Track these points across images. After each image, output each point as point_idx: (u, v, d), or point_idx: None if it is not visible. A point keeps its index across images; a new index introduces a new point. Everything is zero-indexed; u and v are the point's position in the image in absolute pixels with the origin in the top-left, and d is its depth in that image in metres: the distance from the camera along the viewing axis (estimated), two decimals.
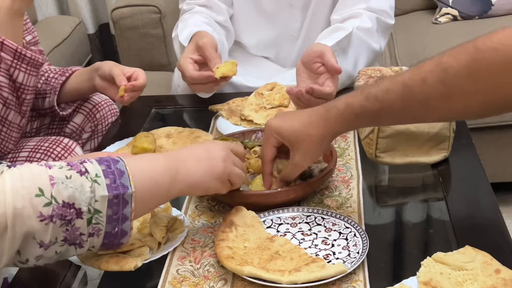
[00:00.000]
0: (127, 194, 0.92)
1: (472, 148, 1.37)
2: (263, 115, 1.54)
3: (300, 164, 1.15)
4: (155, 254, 1.08)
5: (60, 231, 0.88)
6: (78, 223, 0.89)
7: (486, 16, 2.59)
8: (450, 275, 0.97)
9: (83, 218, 0.89)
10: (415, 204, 1.29)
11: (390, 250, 1.13)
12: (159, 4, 2.52)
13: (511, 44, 0.89)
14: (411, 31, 2.59)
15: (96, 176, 0.91)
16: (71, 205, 0.88)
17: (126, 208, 0.93)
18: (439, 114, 1.00)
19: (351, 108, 1.05)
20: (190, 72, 1.50)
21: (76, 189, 0.88)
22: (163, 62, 2.56)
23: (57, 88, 1.56)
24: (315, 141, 1.10)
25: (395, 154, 1.31)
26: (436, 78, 0.95)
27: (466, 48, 0.94)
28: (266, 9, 1.81)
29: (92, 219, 0.90)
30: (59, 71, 1.60)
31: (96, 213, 0.90)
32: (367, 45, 1.68)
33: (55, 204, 0.87)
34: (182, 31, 1.68)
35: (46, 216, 0.86)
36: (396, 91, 1.00)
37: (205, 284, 1.03)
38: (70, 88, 1.59)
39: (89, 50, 3.07)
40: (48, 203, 0.86)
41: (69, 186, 0.88)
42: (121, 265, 1.04)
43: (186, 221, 1.16)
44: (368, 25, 1.68)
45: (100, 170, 0.92)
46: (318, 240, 1.10)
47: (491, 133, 2.29)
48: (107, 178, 0.91)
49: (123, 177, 0.93)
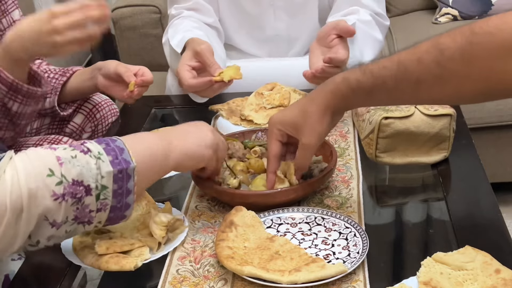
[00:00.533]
0: (130, 168, 0.96)
1: (472, 148, 1.37)
2: (263, 115, 1.54)
3: (307, 144, 1.13)
4: (155, 254, 1.08)
5: (71, 210, 0.92)
6: (87, 200, 0.93)
7: (486, 16, 2.59)
8: (450, 275, 0.97)
9: (92, 195, 0.93)
10: (415, 204, 1.29)
11: (390, 250, 1.13)
12: (159, 4, 2.52)
13: (507, 28, 0.87)
14: (411, 31, 2.59)
15: (99, 154, 0.94)
16: (80, 183, 0.91)
17: (130, 182, 0.96)
18: (431, 96, 0.99)
19: (347, 82, 1.05)
20: (188, 81, 1.50)
21: (83, 167, 0.92)
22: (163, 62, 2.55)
23: (58, 89, 1.56)
24: (316, 117, 1.10)
25: (395, 154, 1.31)
26: (432, 59, 0.94)
27: (463, 30, 0.92)
28: (248, 11, 1.82)
29: (100, 195, 0.94)
30: (59, 71, 1.60)
31: (104, 189, 0.94)
32: (370, 35, 1.72)
33: (66, 182, 0.90)
34: (173, 36, 1.68)
35: (59, 194, 0.89)
36: (390, 68, 0.99)
37: (205, 284, 1.03)
38: (71, 88, 1.59)
39: (89, 50, 3.07)
40: (60, 182, 0.90)
41: (76, 164, 0.91)
42: (121, 265, 1.04)
43: (186, 221, 1.16)
44: (367, 18, 1.74)
45: (101, 148, 0.96)
46: (318, 240, 1.10)
47: (491, 133, 2.29)
48: (109, 155, 0.95)
49: (124, 153, 0.96)
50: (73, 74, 1.59)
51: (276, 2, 1.80)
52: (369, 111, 1.34)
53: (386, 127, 1.28)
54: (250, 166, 1.28)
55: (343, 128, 1.49)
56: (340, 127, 1.49)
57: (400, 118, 1.28)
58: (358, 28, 1.67)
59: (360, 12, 1.73)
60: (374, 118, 1.29)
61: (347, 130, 1.48)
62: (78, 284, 1.10)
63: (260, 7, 1.81)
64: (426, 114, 1.28)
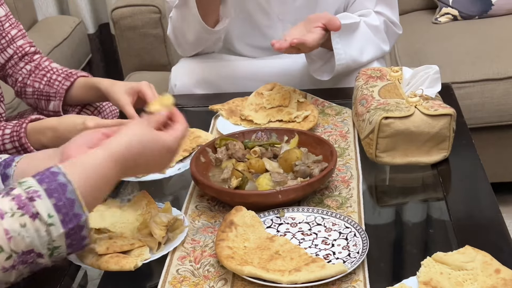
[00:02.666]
0: (82, 221, 0.90)
1: (472, 148, 1.37)
2: (263, 115, 1.54)
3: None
4: (155, 254, 1.08)
5: (25, 270, 0.89)
6: (40, 260, 0.90)
7: (486, 16, 2.59)
8: (450, 275, 0.97)
9: (44, 258, 0.89)
10: (415, 204, 1.29)
11: (390, 250, 1.13)
12: (159, 4, 2.52)
13: None
14: (411, 31, 2.58)
15: (49, 217, 0.88)
16: (30, 251, 0.88)
17: (83, 231, 0.91)
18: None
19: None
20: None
21: (34, 237, 0.87)
22: (163, 62, 2.56)
23: (62, 94, 1.56)
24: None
25: (395, 154, 1.31)
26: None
27: None
28: (257, 21, 1.82)
29: (53, 254, 0.90)
30: (63, 73, 1.60)
31: (56, 249, 0.89)
32: (374, 40, 1.72)
33: (16, 255, 0.87)
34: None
35: (9, 267, 0.87)
36: None
37: (205, 284, 1.03)
38: (75, 97, 1.59)
39: (89, 50, 3.07)
40: (9, 256, 0.86)
41: (25, 236, 0.87)
42: (121, 265, 1.04)
43: (186, 221, 1.16)
44: (375, 22, 1.74)
45: (51, 207, 0.88)
46: (318, 240, 1.10)
47: (491, 133, 2.29)
48: (60, 214, 0.88)
49: (75, 206, 0.89)
50: (76, 79, 1.58)
51: (285, 16, 1.80)
52: (369, 111, 1.34)
53: (386, 127, 1.28)
54: (250, 166, 1.28)
55: (343, 128, 1.49)
56: (340, 127, 1.49)
57: (400, 118, 1.28)
58: (362, 27, 1.67)
59: (372, 15, 1.74)
60: (374, 118, 1.29)
61: (347, 130, 1.48)
62: (78, 284, 1.10)
63: (268, 20, 1.82)
64: (426, 114, 1.28)
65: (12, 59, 1.61)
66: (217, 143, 1.35)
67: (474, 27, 2.50)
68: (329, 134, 1.47)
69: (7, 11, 1.58)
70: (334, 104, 1.60)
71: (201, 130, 1.50)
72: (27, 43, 1.62)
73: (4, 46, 1.59)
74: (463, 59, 2.27)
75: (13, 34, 1.59)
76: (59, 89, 1.56)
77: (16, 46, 1.60)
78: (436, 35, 2.49)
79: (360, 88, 1.46)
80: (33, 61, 1.62)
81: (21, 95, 1.64)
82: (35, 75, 1.60)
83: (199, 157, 1.30)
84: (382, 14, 1.78)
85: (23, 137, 1.35)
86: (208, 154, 1.33)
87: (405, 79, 1.44)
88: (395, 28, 1.82)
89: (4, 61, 1.61)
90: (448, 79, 2.08)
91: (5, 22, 1.58)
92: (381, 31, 1.75)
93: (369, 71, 1.51)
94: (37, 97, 1.60)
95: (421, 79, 1.38)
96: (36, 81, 1.59)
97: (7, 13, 1.58)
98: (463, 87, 2.20)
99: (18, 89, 1.63)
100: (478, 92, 2.22)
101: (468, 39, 2.40)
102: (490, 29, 2.48)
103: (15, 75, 1.62)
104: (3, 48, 1.59)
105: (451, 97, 1.55)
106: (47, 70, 1.61)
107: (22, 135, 1.35)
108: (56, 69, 1.62)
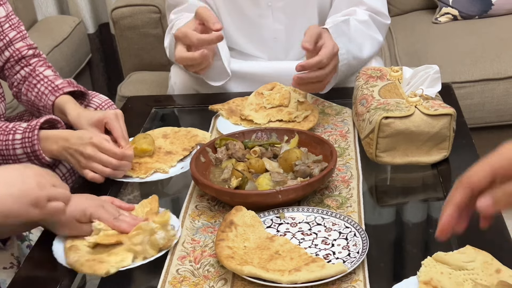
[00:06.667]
0: None
1: (472, 148, 1.37)
2: (263, 115, 1.54)
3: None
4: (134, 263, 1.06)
5: None
6: None
7: (486, 16, 2.59)
8: (450, 275, 0.97)
9: None
10: (415, 204, 1.29)
11: (390, 250, 1.13)
12: (159, 4, 2.52)
13: None
14: (411, 31, 2.59)
15: None
16: None
17: None
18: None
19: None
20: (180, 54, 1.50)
21: None
22: (163, 62, 2.56)
23: (50, 110, 1.52)
24: None
25: (395, 154, 1.31)
26: None
27: None
28: (247, 13, 1.82)
29: None
30: (49, 86, 1.54)
31: None
32: (368, 34, 1.72)
33: None
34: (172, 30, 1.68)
35: None
36: None
37: (205, 284, 1.03)
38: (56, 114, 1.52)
39: (89, 49, 3.07)
40: None
41: None
42: (94, 269, 1.03)
43: (179, 232, 1.14)
44: (364, 17, 1.73)
45: None
46: (318, 240, 1.10)
47: (491, 133, 2.29)
48: None
49: None
50: (58, 97, 1.51)
51: (274, 3, 1.80)
52: (369, 111, 1.34)
53: (386, 127, 1.28)
54: (250, 166, 1.28)
55: (343, 128, 1.49)
56: (340, 127, 1.49)
57: (400, 118, 1.28)
58: (353, 24, 1.67)
59: (357, 12, 1.73)
60: (374, 117, 1.29)
61: (347, 130, 1.48)
62: (78, 284, 1.10)
63: (258, 9, 1.81)
64: (426, 114, 1.28)
65: (9, 61, 1.58)
66: (217, 143, 1.35)
67: (474, 27, 2.50)
68: (329, 134, 1.47)
69: (8, 11, 1.57)
70: (334, 104, 1.60)
71: (197, 129, 1.50)
72: (26, 45, 1.59)
73: (2, 49, 1.57)
74: (463, 59, 2.27)
75: (12, 36, 1.56)
76: (46, 104, 1.53)
77: (14, 48, 1.57)
78: (436, 35, 2.49)
79: (360, 88, 1.46)
80: (29, 65, 1.59)
81: (17, 99, 1.63)
82: (28, 82, 1.56)
83: (199, 157, 1.30)
84: (370, 6, 1.75)
85: (36, 144, 1.34)
86: (208, 154, 1.33)
87: (405, 79, 1.44)
88: (381, 19, 1.78)
89: (1, 64, 1.59)
90: (448, 79, 2.08)
91: (5, 23, 1.56)
92: (371, 24, 1.74)
93: (369, 71, 1.51)
94: (30, 107, 1.59)
95: (421, 79, 1.38)
96: (29, 90, 1.56)
97: (8, 13, 1.57)
98: (463, 87, 2.20)
99: (14, 93, 1.62)
100: (478, 92, 2.22)
101: (468, 39, 2.40)
102: (490, 29, 2.48)
103: (11, 78, 1.60)
104: (0, 50, 1.57)
105: (451, 97, 1.55)
106: (39, 79, 1.56)
107: (35, 142, 1.34)
108: (47, 79, 1.56)
